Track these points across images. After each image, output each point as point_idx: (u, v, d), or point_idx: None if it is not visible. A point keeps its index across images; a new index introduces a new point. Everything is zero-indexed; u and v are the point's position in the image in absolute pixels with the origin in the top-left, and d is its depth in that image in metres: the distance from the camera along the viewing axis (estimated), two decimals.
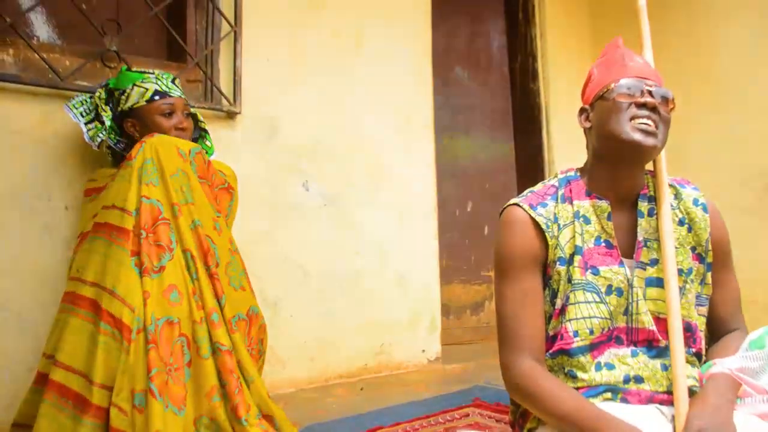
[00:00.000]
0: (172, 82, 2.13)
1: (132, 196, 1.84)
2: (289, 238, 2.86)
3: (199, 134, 2.28)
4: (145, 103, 2.05)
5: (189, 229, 1.90)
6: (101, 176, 2.07)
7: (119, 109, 2.08)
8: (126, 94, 2.06)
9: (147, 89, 2.05)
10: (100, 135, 2.05)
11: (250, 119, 2.78)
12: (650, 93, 1.36)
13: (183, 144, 1.99)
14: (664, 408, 1.31)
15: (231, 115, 2.71)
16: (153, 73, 2.10)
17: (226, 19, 2.71)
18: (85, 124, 2.07)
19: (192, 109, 2.20)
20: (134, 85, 2.06)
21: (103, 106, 2.08)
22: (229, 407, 1.78)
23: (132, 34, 2.55)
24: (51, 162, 2.23)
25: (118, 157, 2.13)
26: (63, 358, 1.71)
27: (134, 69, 2.14)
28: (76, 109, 2.09)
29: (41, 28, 2.42)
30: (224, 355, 1.81)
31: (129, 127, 2.09)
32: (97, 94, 2.10)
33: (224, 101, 2.69)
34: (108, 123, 2.05)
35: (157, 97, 2.06)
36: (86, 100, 2.12)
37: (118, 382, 1.66)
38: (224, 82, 2.72)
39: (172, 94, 2.09)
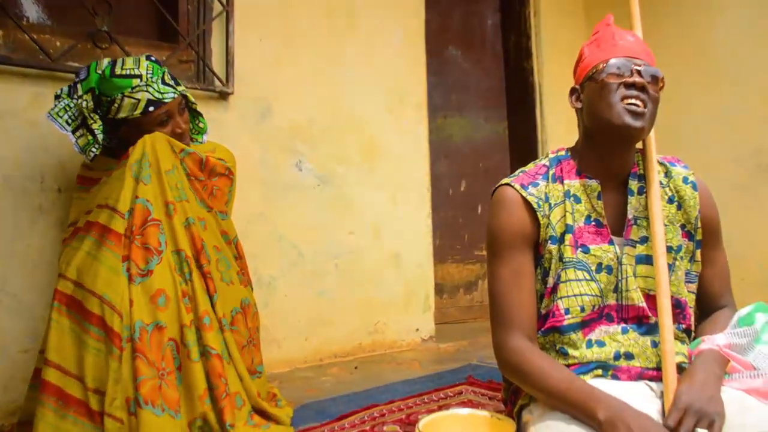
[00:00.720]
0: (163, 81, 1.95)
1: (125, 197, 1.79)
2: (283, 218, 2.87)
3: (192, 116, 2.21)
4: (139, 115, 1.91)
5: (183, 228, 1.86)
6: (98, 167, 2.00)
7: (109, 117, 1.94)
8: (116, 105, 1.90)
9: (139, 100, 1.90)
10: (93, 150, 1.91)
11: (242, 99, 2.77)
12: (639, 72, 1.36)
13: (175, 142, 1.95)
14: (654, 384, 1.34)
15: (224, 96, 2.70)
16: (141, 76, 1.90)
17: None
18: (73, 132, 1.93)
19: (180, 88, 2.03)
20: (124, 95, 1.89)
21: (92, 115, 1.92)
22: (216, 411, 1.77)
23: (123, 14, 2.53)
24: (43, 144, 2.22)
25: (111, 148, 2.05)
26: (52, 356, 1.67)
27: (118, 71, 1.91)
28: (60, 117, 1.93)
29: (31, 8, 2.39)
30: (214, 358, 1.78)
31: (122, 131, 1.98)
32: (83, 103, 1.93)
33: (217, 82, 2.67)
34: (100, 136, 1.91)
35: (151, 108, 1.91)
36: (69, 106, 1.94)
37: (111, 391, 1.63)
38: (216, 63, 2.71)
39: (166, 100, 1.93)
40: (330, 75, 3.07)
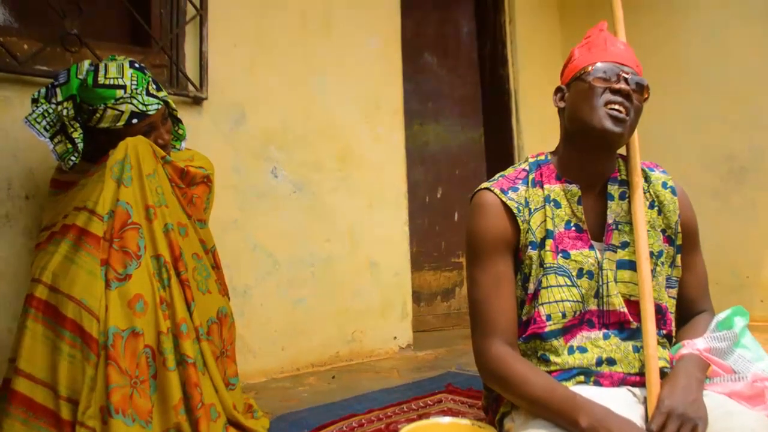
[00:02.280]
0: (147, 92, 1.89)
1: (104, 199, 1.73)
2: (259, 225, 2.82)
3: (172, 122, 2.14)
4: (122, 126, 1.86)
5: (162, 233, 1.82)
6: (71, 169, 1.93)
7: (90, 125, 1.88)
8: (98, 115, 1.85)
9: (122, 112, 1.84)
10: (72, 158, 1.85)
11: (216, 105, 2.72)
12: (626, 80, 1.36)
13: (157, 148, 1.90)
14: (636, 390, 1.33)
15: (197, 101, 2.65)
16: (125, 87, 1.84)
17: (191, 2, 2.65)
18: (51, 138, 1.86)
19: (162, 94, 1.97)
20: (107, 106, 1.83)
21: (72, 123, 1.86)
22: (191, 421, 1.72)
23: (94, 16, 2.47)
24: (10, 149, 2.16)
25: (86, 151, 1.97)
26: (23, 365, 1.61)
27: (102, 80, 1.84)
28: (38, 123, 1.86)
29: None
30: (189, 367, 1.74)
31: (102, 140, 1.91)
32: (63, 111, 1.86)
33: (190, 86, 2.63)
34: (80, 145, 1.85)
35: (135, 120, 1.86)
36: (48, 112, 1.87)
37: (86, 399, 1.59)
38: (190, 67, 2.66)
39: (149, 112, 1.88)
40: (305, 81, 3.04)
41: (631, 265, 1.40)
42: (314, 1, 3.10)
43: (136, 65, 1.93)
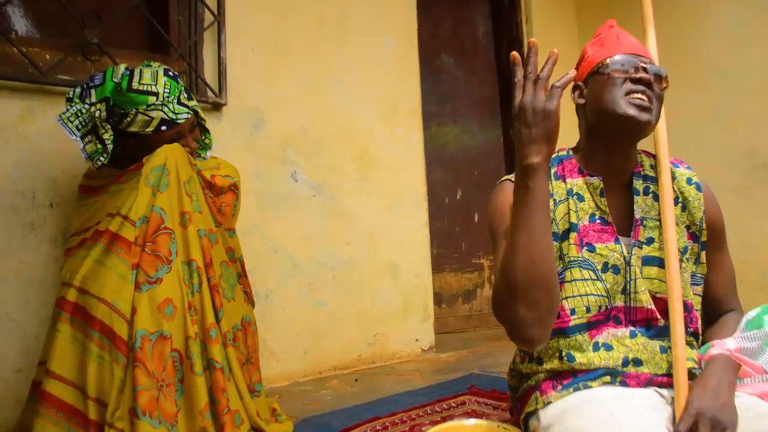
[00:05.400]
0: (178, 101, 1.91)
1: (138, 205, 1.76)
2: (279, 229, 2.83)
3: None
4: (151, 132, 1.89)
5: (197, 238, 1.84)
6: (99, 174, 1.97)
7: (120, 127, 1.90)
8: (129, 119, 1.86)
9: (153, 118, 1.87)
10: (101, 159, 1.87)
11: (236, 110, 2.74)
12: (645, 69, 1.35)
13: (190, 157, 1.94)
14: (664, 390, 1.31)
15: (217, 107, 2.67)
16: (157, 94, 1.86)
17: (209, 8, 2.67)
18: (82, 138, 1.89)
19: (192, 103, 1.99)
20: (138, 111, 1.85)
21: (103, 125, 1.88)
22: (216, 426, 1.73)
23: (113, 25, 2.50)
24: (34, 159, 2.19)
25: (114, 155, 1.99)
26: (54, 367, 1.64)
27: (136, 85, 1.86)
28: (71, 122, 1.89)
29: (19, 21, 2.37)
30: (217, 372, 1.76)
31: (131, 144, 1.95)
32: (96, 112, 1.89)
33: (209, 93, 2.65)
34: (110, 147, 1.87)
35: (164, 128, 1.89)
36: (81, 112, 1.90)
37: (114, 400, 1.60)
38: (209, 73, 2.68)
39: (179, 121, 1.91)
40: (323, 84, 3.05)
41: (656, 262, 1.38)
42: (330, 4, 3.11)
43: (170, 73, 1.94)
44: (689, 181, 1.46)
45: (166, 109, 1.88)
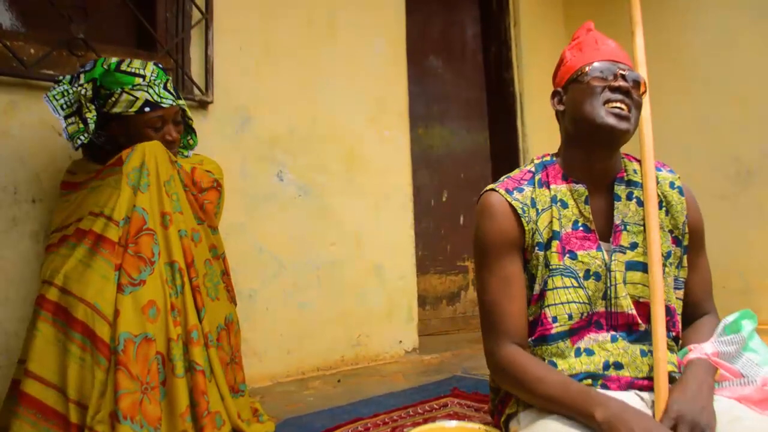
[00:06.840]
0: (164, 87, 1.94)
1: (121, 205, 1.75)
2: (264, 229, 2.82)
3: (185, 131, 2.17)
4: (134, 113, 1.89)
5: (178, 239, 1.82)
6: (81, 170, 1.95)
7: (104, 110, 1.91)
8: (114, 99, 1.88)
9: (137, 98, 1.88)
10: (81, 138, 1.85)
11: (222, 109, 2.73)
12: (623, 77, 1.36)
13: (170, 153, 1.92)
14: (644, 394, 1.32)
15: (203, 105, 2.66)
16: (144, 77, 1.90)
17: (197, 6, 2.66)
18: (65, 118, 1.88)
19: (181, 102, 2.01)
20: (123, 91, 1.87)
21: (88, 105, 1.88)
22: (196, 429, 1.72)
23: (100, 21, 2.48)
24: (16, 154, 2.17)
25: (95, 149, 2.01)
26: (34, 367, 1.62)
27: (124, 67, 1.91)
28: (56, 100, 1.89)
29: (3, 15, 2.34)
30: (198, 375, 1.74)
31: (113, 128, 1.95)
32: (82, 90, 1.90)
33: (196, 90, 2.63)
34: (92, 126, 1.86)
35: (147, 109, 1.89)
36: (67, 92, 1.90)
37: (95, 403, 1.59)
38: (196, 71, 2.67)
39: (163, 105, 1.91)
40: (310, 84, 3.05)
41: (640, 267, 1.39)
42: (320, 4, 3.11)
43: (160, 65, 1.99)
44: (672, 185, 1.47)
45: (151, 91, 1.90)
